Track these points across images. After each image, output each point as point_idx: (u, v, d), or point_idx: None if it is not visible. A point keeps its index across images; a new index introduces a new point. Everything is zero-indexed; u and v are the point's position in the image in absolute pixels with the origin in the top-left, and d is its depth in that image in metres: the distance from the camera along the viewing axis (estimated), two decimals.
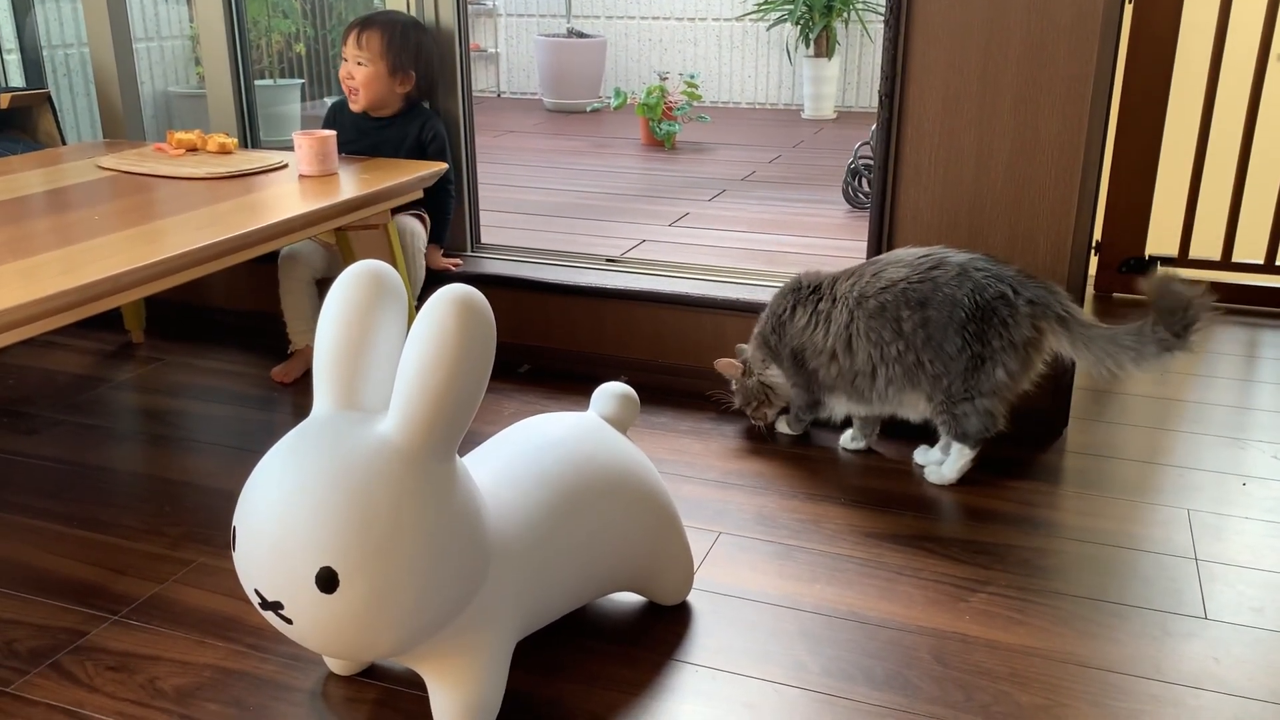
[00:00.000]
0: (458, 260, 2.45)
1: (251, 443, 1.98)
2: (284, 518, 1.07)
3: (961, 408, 1.78)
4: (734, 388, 2.04)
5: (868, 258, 2.05)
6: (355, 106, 2.32)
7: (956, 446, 1.82)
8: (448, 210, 2.40)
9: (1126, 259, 2.82)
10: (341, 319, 1.16)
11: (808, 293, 1.92)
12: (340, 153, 2.11)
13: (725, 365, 2.03)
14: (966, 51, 1.90)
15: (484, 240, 2.58)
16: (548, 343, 2.36)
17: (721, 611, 1.48)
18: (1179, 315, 1.68)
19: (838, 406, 1.93)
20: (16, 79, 2.91)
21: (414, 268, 2.25)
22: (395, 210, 2.20)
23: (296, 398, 2.19)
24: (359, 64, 2.27)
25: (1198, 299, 1.68)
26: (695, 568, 1.53)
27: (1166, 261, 2.81)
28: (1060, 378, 2.00)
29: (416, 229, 2.29)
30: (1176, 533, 1.69)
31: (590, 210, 3.35)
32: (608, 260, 2.49)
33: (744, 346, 2.05)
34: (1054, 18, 1.83)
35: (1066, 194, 1.91)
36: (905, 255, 1.85)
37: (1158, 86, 2.68)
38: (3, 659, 1.37)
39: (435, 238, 2.38)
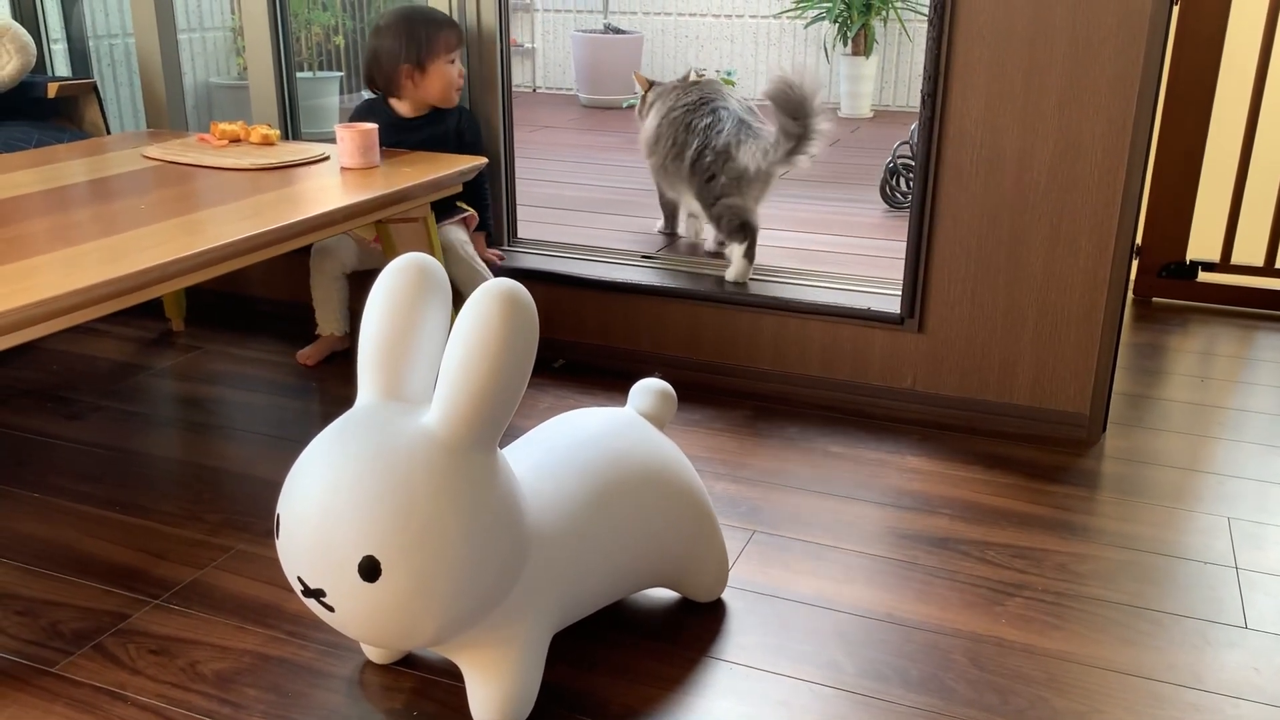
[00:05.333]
0: (499, 252, 2.47)
1: (289, 431, 2.00)
2: (328, 506, 1.08)
3: (715, 210, 2.40)
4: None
5: (906, 259, 2.05)
6: (451, 104, 2.33)
7: (729, 247, 2.36)
8: (488, 199, 2.42)
9: (1167, 264, 2.79)
10: (386, 311, 1.17)
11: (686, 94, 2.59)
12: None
13: (638, 79, 2.79)
14: (1010, 51, 1.88)
15: (520, 235, 2.59)
16: (583, 338, 2.36)
17: (756, 609, 1.48)
18: (798, 115, 2.23)
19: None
20: (63, 68, 2.94)
21: (476, 270, 2.28)
22: (440, 217, 2.25)
23: (335, 387, 2.21)
24: (459, 66, 2.30)
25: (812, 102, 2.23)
26: (730, 565, 1.53)
27: (1208, 267, 2.78)
28: (1099, 383, 1.99)
29: (461, 235, 2.32)
30: (1216, 540, 1.67)
31: (626, 206, 3.35)
32: (643, 256, 2.49)
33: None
34: (1100, 18, 1.82)
35: (1110, 197, 1.89)
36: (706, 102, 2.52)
37: (1203, 89, 2.64)
38: (47, 639, 1.39)
39: (480, 226, 2.41)
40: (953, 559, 1.61)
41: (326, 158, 2.11)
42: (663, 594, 1.51)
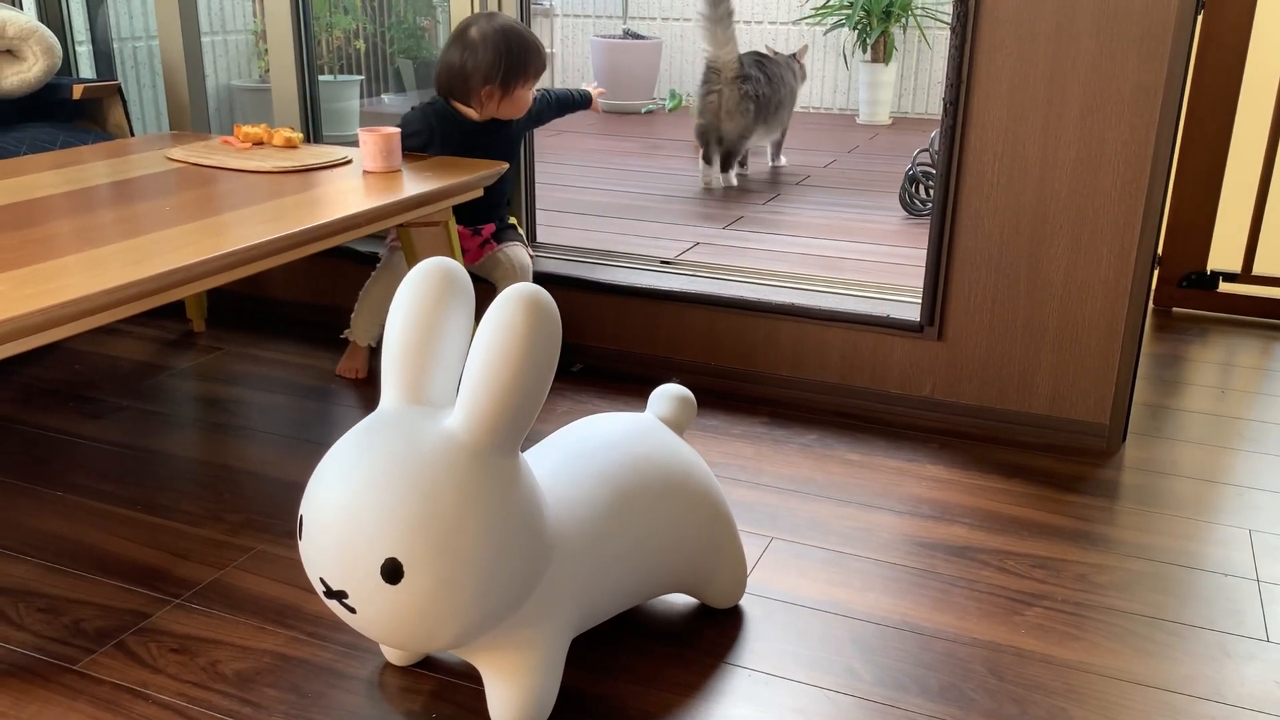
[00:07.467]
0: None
1: (310, 432, 2.01)
2: (351, 509, 1.08)
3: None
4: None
5: (926, 267, 2.04)
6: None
7: None
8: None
9: (1188, 274, 2.78)
10: (411, 314, 1.17)
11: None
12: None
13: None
14: (1033, 60, 1.88)
15: (539, 240, 2.60)
16: (601, 342, 2.37)
17: (773, 616, 1.48)
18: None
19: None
20: (88, 70, 2.97)
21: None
22: (502, 239, 2.31)
23: (357, 390, 2.22)
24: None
25: None
26: (748, 572, 1.53)
27: (1229, 277, 2.77)
28: (1119, 394, 1.98)
29: (526, 257, 2.34)
30: (1237, 552, 1.66)
31: (644, 211, 3.36)
32: (662, 262, 2.50)
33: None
34: (1124, 28, 1.81)
35: (1132, 206, 1.89)
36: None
37: (1225, 98, 2.63)
38: (70, 637, 1.40)
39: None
40: (971, 568, 1.61)
41: (349, 161, 2.12)
42: (681, 600, 1.51)
